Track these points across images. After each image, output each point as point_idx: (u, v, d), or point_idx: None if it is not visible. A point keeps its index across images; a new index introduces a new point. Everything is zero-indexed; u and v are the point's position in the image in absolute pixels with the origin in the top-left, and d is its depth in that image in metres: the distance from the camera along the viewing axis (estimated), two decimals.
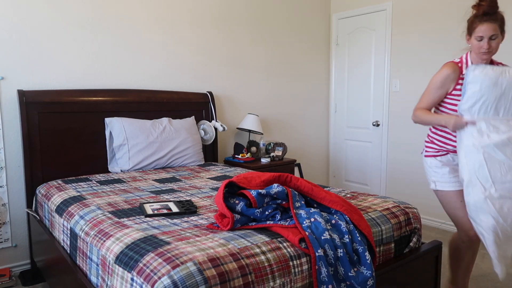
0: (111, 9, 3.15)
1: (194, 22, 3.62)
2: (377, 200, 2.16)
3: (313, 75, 4.65)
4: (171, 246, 1.47)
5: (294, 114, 4.51)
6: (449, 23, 3.66)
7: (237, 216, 1.68)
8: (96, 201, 2.15)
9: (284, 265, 1.49)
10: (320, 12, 4.64)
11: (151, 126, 3.10)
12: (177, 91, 3.50)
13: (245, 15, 3.97)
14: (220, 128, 3.49)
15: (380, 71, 4.28)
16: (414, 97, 4.00)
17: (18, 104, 2.74)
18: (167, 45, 3.47)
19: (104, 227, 1.76)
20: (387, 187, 4.32)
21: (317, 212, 1.71)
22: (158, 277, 1.31)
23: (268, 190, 1.74)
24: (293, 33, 4.39)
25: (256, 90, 4.14)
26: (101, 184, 2.55)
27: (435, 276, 2.14)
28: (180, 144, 3.18)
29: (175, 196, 2.26)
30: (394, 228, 1.95)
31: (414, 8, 3.92)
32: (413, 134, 4.03)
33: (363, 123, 4.50)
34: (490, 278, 2.78)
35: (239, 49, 3.96)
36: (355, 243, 1.66)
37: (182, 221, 1.80)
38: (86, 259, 1.77)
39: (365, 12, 4.35)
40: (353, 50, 4.54)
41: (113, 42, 3.18)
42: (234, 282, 1.35)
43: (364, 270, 1.60)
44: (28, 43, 2.81)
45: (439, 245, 2.13)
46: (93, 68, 3.10)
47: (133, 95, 3.20)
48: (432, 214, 3.94)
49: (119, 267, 1.49)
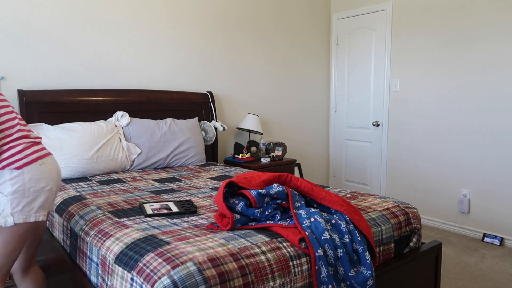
0: (111, 9, 3.15)
1: (194, 22, 3.62)
2: (377, 200, 2.16)
3: (313, 75, 4.65)
4: (171, 246, 1.47)
5: (294, 114, 4.51)
6: (449, 22, 3.66)
7: (237, 216, 1.68)
8: (96, 201, 2.15)
9: (284, 265, 1.49)
10: (320, 12, 4.64)
11: (155, 126, 3.10)
12: (177, 91, 3.50)
13: (245, 15, 3.97)
14: (220, 128, 3.49)
15: (380, 71, 4.28)
16: (414, 97, 4.00)
17: (18, 104, 2.74)
18: (167, 45, 3.47)
19: (104, 227, 1.76)
20: (387, 187, 4.33)
21: (317, 212, 1.71)
22: (158, 277, 1.31)
23: (268, 190, 1.74)
24: (293, 33, 4.39)
25: (256, 90, 4.14)
26: (101, 184, 2.55)
27: (435, 276, 2.14)
28: (183, 144, 3.18)
29: (175, 196, 2.26)
30: (394, 228, 1.95)
31: (414, 8, 3.92)
32: (413, 134, 4.04)
33: (363, 123, 4.50)
34: (490, 278, 2.78)
35: (239, 49, 3.96)
36: (355, 243, 1.66)
37: (182, 221, 1.80)
38: (86, 259, 1.77)
39: (365, 12, 4.35)
40: (353, 50, 4.54)
41: (113, 42, 3.18)
42: (234, 282, 1.35)
43: (364, 270, 1.60)
44: (28, 43, 2.81)
45: (439, 245, 2.13)
46: (93, 68, 3.10)
47: (133, 95, 3.20)
48: (432, 214, 3.94)
49: (119, 267, 1.49)
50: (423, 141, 3.96)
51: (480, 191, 3.57)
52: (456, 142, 3.70)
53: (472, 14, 3.50)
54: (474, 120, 3.56)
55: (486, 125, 3.48)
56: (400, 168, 4.19)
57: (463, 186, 3.68)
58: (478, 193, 3.58)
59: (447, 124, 3.75)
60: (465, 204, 3.65)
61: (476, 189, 3.59)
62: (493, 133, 3.44)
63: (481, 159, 3.53)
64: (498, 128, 3.41)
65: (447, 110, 3.74)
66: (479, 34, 3.47)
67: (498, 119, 3.40)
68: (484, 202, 3.54)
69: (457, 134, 3.68)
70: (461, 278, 2.78)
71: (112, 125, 2.93)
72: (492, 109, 3.43)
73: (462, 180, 3.68)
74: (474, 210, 3.61)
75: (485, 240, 3.47)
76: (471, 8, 3.51)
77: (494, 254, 3.20)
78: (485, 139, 3.49)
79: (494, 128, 3.43)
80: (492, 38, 3.39)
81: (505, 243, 3.41)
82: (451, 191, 3.77)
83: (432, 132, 3.88)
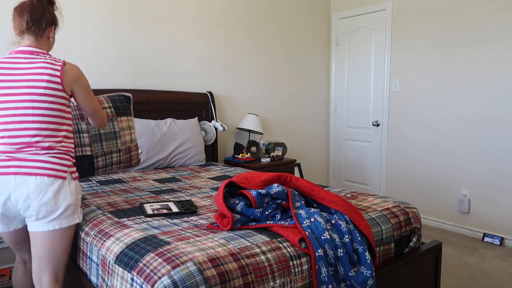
0: (111, 9, 3.15)
1: (194, 22, 3.63)
2: (377, 200, 2.16)
3: (313, 75, 4.65)
4: (171, 246, 1.47)
5: (294, 114, 4.51)
6: (449, 22, 3.66)
7: (237, 216, 1.68)
8: (96, 201, 2.15)
9: (284, 265, 1.49)
10: (320, 12, 4.64)
11: (155, 126, 3.10)
12: (177, 91, 3.50)
13: (245, 15, 3.97)
14: (220, 128, 3.49)
15: (380, 71, 4.28)
16: (414, 97, 4.00)
17: None
18: (167, 44, 3.47)
19: (104, 227, 1.76)
20: (387, 187, 4.33)
21: (317, 212, 1.71)
22: (158, 277, 1.31)
23: (268, 190, 1.74)
24: (293, 33, 4.39)
25: (256, 90, 4.14)
26: (101, 184, 2.55)
27: (435, 276, 2.14)
28: (183, 144, 3.18)
29: (175, 196, 2.26)
30: (394, 228, 1.95)
31: (414, 8, 3.92)
32: (413, 134, 4.04)
33: (363, 123, 4.50)
34: (490, 278, 2.78)
35: (239, 49, 3.96)
36: (355, 243, 1.66)
37: (182, 221, 1.80)
38: (86, 259, 1.77)
39: (365, 12, 4.35)
40: (353, 50, 4.54)
41: (113, 42, 3.18)
42: (234, 282, 1.35)
43: (364, 270, 1.60)
44: None
45: (439, 245, 2.13)
46: (92, 68, 3.10)
47: (133, 95, 3.20)
48: (432, 214, 3.94)
49: (119, 267, 1.49)
50: (423, 141, 3.96)
51: (480, 191, 3.57)
52: (456, 141, 3.70)
53: (472, 14, 3.50)
54: (474, 120, 3.56)
55: (486, 125, 3.48)
56: (400, 168, 4.19)
57: (463, 186, 3.68)
58: (478, 193, 3.58)
59: (447, 124, 3.75)
60: (465, 204, 3.65)
61: (476, 189, 3.59)
62: (493, 133, 3.44)
63: (481, 159, 3.53)
64: (498, 128, 3.41)
65: (447, 110, 3.74)
66: (479, 33, 3.47)
67: (498, 119, 3.40)
68: (484, 202, 3.54)
69: (457, 134, 3.68)
70: (461, 278, 2.78)
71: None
72: (492, 109, 3.43)
73: (462, 180, 3.68)
74: (474, 210, 3.61)
75: (485, 240, 3.47)
76: (471, 8, 3.51)
77: (494, 254, 3.20)
78: (486, 138, 3.49)
79: (495, 128, 3.43)
80: (492, 37, 3.39)
81: (505, 243, 3.41)
82: (451, 191, 3.77)
83: (432, 132, 3.88)
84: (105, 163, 2.19)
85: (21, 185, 1.57)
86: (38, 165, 1.60)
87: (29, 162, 1.59)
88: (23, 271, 1.95)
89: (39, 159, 1.61)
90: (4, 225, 1.72)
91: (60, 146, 1.68)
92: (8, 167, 1.58)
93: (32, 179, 1.58)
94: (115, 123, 2.24)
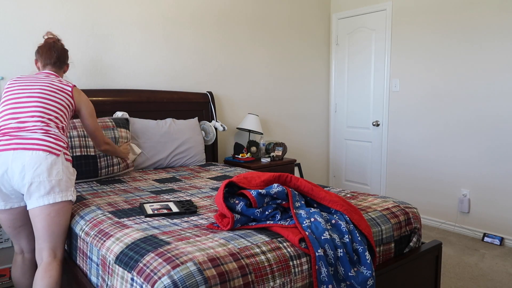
0: (110, 9, 3.15)
1: (194, 22, 3.63)
2: (377, 200, 2.16)
3: (313, 75, 4.65)
4: (171, 246, 1.47)
5: (294, 114, 4.51)
6: (449, 22, 3.66)
7: (237, 216, 1.68)
8: (96, 201, 2.15)
9: (284, 265, 1.49)
10: (320, 12, 4.64)
11: (155, 126, 3.10)
12: (177, 91, 3.50)
13: (245, 15, 3.97)
14: (220, 128, 3.49)
15: (380, 71, 4.28)
16: (414, 97, 4.00)
17: None
18: (167, 44, 3.47)
19: (104, 227, 1.76)
20: (387, 187, 4.33)
21: (317, 212, 1.71)
22: (158, 277, 1.31)
23: (268, 190, 1.74)
24: (293, 33, 4.39)
25: (256, 90, 4.14)
26: (101, 184, 2.55)
27: (435, 276, 2.14)
28: (183, 144, 3.18)
29: (175, 196, 2.26)
30: (394, 228, 1.95)
31: (414, 8, 3.92)
32: (413, 134, 4.04)
33: (363, 123, 4.50)
34: (490, 278, 2.78)
35: (239, 49, 3.96)
36: (355, 243, 1.66)
37: (182, 221, 1.80)
38: (86, 259, 1.77)
39: (365, 12, 4.35)
40: (353, 50, 4.54)
41: (112, 42, 3.18)
42: (234, 282, 1.35)
43: (364, 270, 1.60)
44: (28, 43, 2.81)
45: (439, 245, 2.13)
46: (92, 68, 3.10)
47: (133, 95, 3.20)
48: (432, 214, 3.94)
49: (119, 267, 1.49)
50: (423, 141, 3.96)
51: (480, 191, 3.57)
52: (456, 142, 3.70)
53: (472, 14, 3.50)
54: (474, 120, 3.56)
55: (486, 125, 3.48)
56: (400, 167, 4.19)
57: (463, 186, 3.68)
58: (478, 193, 3.58)
59: (447, 124, 3.75)
60: (465, 204, 3.65)
61: (476, 189, 3.59)
62: (494, 133, 3.44)
63: (481, 159, 3.54)
64: (498, 128, 3.41)
65: (447, 110, 3.74)
66: (479, 33, 3.47)
67: (498, 119, 3.40)
68: (484, 202, 3.54)
69: (457, 134, 3.68)
70: (461, 278, 2.78)
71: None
72: (492, 109, 3.43)
73: (462, 180, 3.68)
74: (474, 210, 3.61)
75: (485, 240, 3.47)
76: (471, 8, 3.51)
77: (494, 254, 3.20)
78: (486, 139, 3.49)
79: (495, 128, 3.43)
80: (492, 37, 3.39)
81: (505, 243, 3.41)
82: (451, 191, 3.77)
83: (432, 132, 3.88)
84: (107, 163, 2.63)
85: (18, 158, 1.75)
86: (35, 142, 1.80)
87: (27, 140, 1.80)
88: (21, 261, 2.06)
89: (36, 137, 1.82)
90: (1, 201, 1.87)
91: (57, 132, 1.91)
92: (9, 144, 1.78)
93: (28, 153, 1.77)
94: (116, 131, 2.77)
